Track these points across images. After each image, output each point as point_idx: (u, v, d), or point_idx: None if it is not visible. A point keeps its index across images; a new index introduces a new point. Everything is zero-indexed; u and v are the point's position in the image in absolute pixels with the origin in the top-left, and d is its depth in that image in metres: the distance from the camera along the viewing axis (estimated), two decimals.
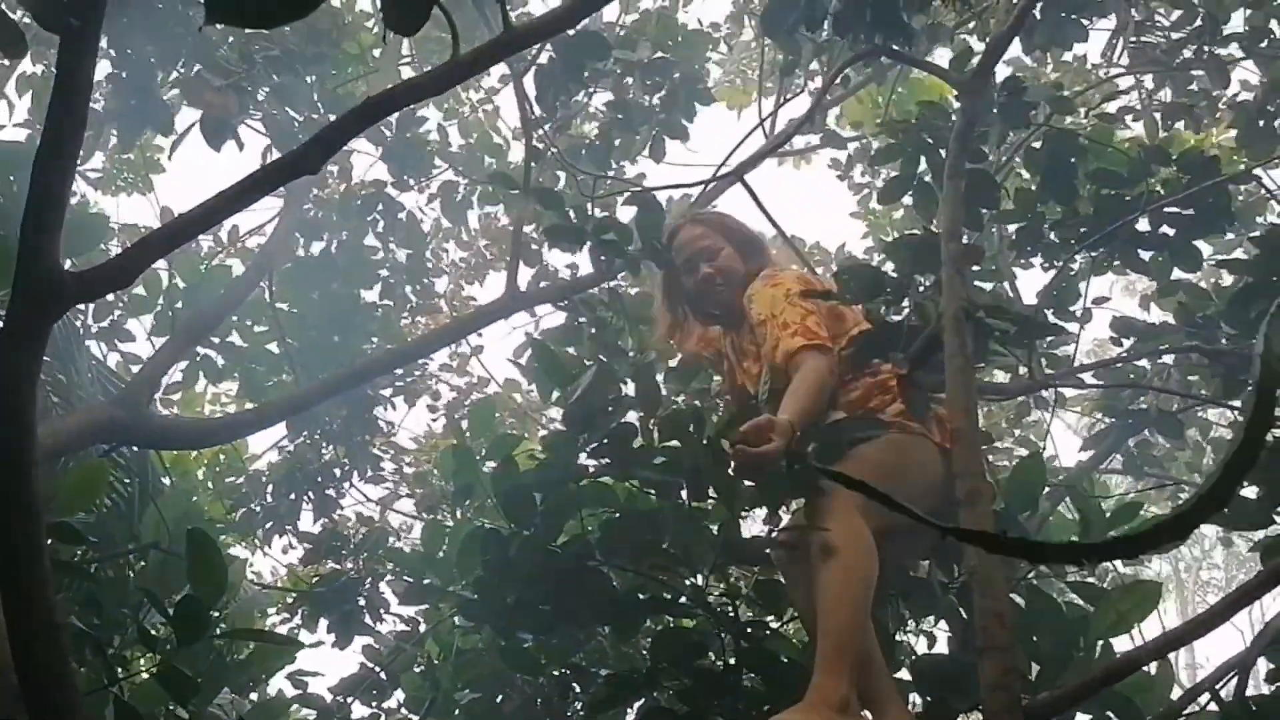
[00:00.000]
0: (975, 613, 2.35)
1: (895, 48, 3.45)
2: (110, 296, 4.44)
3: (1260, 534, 2.89)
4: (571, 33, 4.21)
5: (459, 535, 3.47)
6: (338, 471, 5.99)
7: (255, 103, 4.12)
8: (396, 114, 3.83)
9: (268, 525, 5.95)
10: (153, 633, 2.68)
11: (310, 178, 2.60)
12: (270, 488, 5.99)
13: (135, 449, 3.62)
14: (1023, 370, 3.73)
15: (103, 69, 4.76)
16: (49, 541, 1.96)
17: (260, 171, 1.76)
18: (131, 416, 2.63)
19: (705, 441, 2.96)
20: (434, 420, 8.14)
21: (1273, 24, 4.11)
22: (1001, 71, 3.70)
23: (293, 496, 5.95)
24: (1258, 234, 3.50)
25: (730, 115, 7.26)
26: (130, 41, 3.73)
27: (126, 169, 6.54)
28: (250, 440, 6.20)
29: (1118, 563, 3.85)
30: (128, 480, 3.47)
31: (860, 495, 2.67)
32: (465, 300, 8.35)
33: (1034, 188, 3.78)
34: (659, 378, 3.39)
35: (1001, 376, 4.44)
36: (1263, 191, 4.07)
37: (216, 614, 2.63)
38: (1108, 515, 3.12)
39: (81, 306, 4.71)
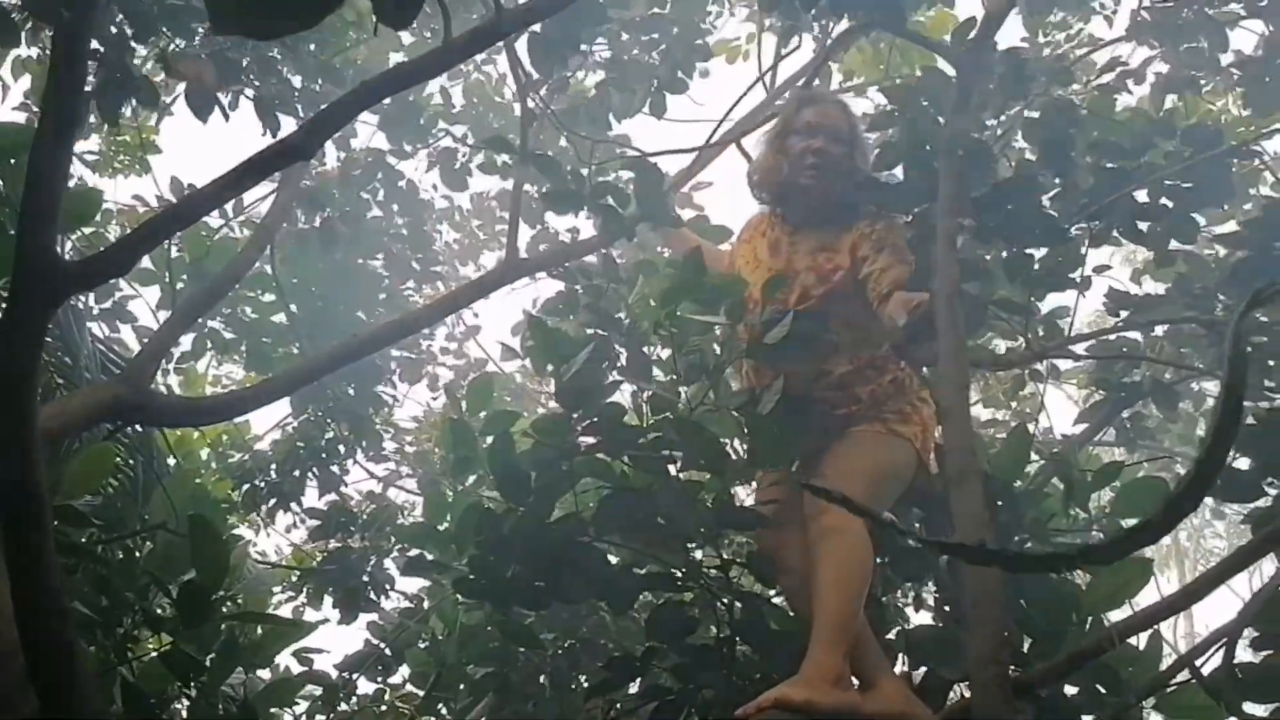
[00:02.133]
0: (964, 588, 2.38)
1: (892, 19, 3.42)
2: None
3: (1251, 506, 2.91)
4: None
5: (459, 508, 3.51)
6: (342, 448, 6.04)
7: (242, 71, 4.04)
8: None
9: (272, 502, 6.00)
10: (161, 614, 2.73)
11: None
12: (274, 465, 6.04)
13: (140, 428, 3.66)
14: (1020, 342, 3.73)
15: None
16: (56, 524, 2.00)
17: (253, 159, 1.79)
18: (136, 394, 2.65)
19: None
20: (434, 399, 8.21)
21: None
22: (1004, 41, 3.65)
23: (297, 473, 5.99)
24: (1249, 206, 3.51)
25: (730, 71, 7.20)
26: (106, 15, 3.68)
27: (123, 150, 6.55)
28: (254, 418, 6.26)
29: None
30: (133, 461, 3.51)
31: (855, 489, 2.75)
32: (462, 280, 8.39)
33: (1033, 159, 3.75)
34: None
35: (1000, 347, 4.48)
36: (1257, 163, 4.07)
37: (222, 594, 2.68)
38: (1088, 480, 3.17)
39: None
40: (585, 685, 3.55)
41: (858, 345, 3.14)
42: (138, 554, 3.05)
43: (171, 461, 4.22)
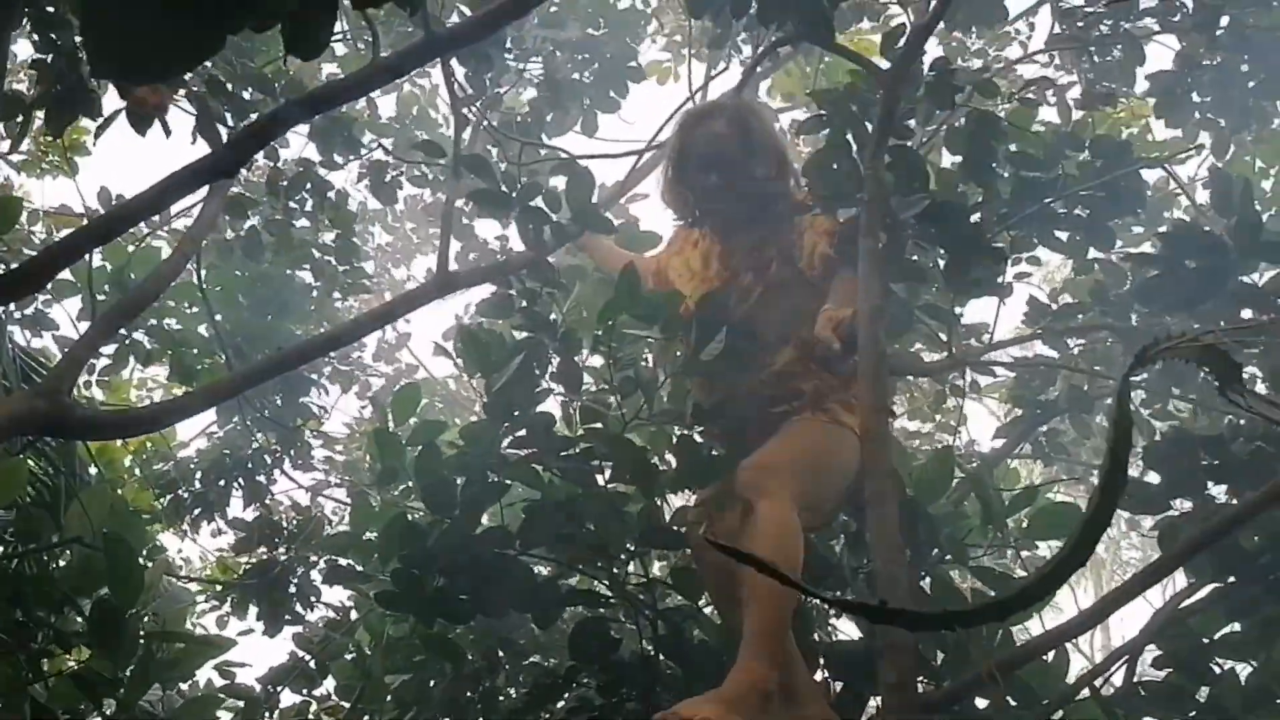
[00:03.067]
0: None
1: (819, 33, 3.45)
2: None
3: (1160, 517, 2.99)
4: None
5: (385, 518, 3.50)
6: (268, 459, 5.97)
7: (183, 84, 4.02)
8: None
9: (196, 512, 5.92)
10: (75, 631, 2.70)
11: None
12: (199, 474, 5.96)
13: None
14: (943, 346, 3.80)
15: (25, 50, 4.69)
16: None
17: (179, 174, 1.79)
18: (54, 406, 2.60)
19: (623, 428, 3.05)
20: (363, 408, 8.15)
21: None
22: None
23: (222, 483, 5.92)
24: (1164, 229, 3.61)
25: (662, 91, 7.29)
26: (55, 27, 3.65)
27: (51, 150, 6.44)
28: (178, 426, 6.15)
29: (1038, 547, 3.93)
30: (50, 470, 3.45)
31: (795, 476, 2.75)
32: (395, 283, 8.35)
33: (955, 168, 3.82)
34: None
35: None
36: (1170, 186, 4.22)
37: (138, 611, 2.65)
38: (1007, 503, 3.25)
39: None
40: (511, 698, 3.55)
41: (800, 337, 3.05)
42: (53, 568, 3.01)
43: (94, 470, 4.15)
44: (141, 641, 2.75)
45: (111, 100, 3.89)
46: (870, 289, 2.74)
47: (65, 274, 4.53)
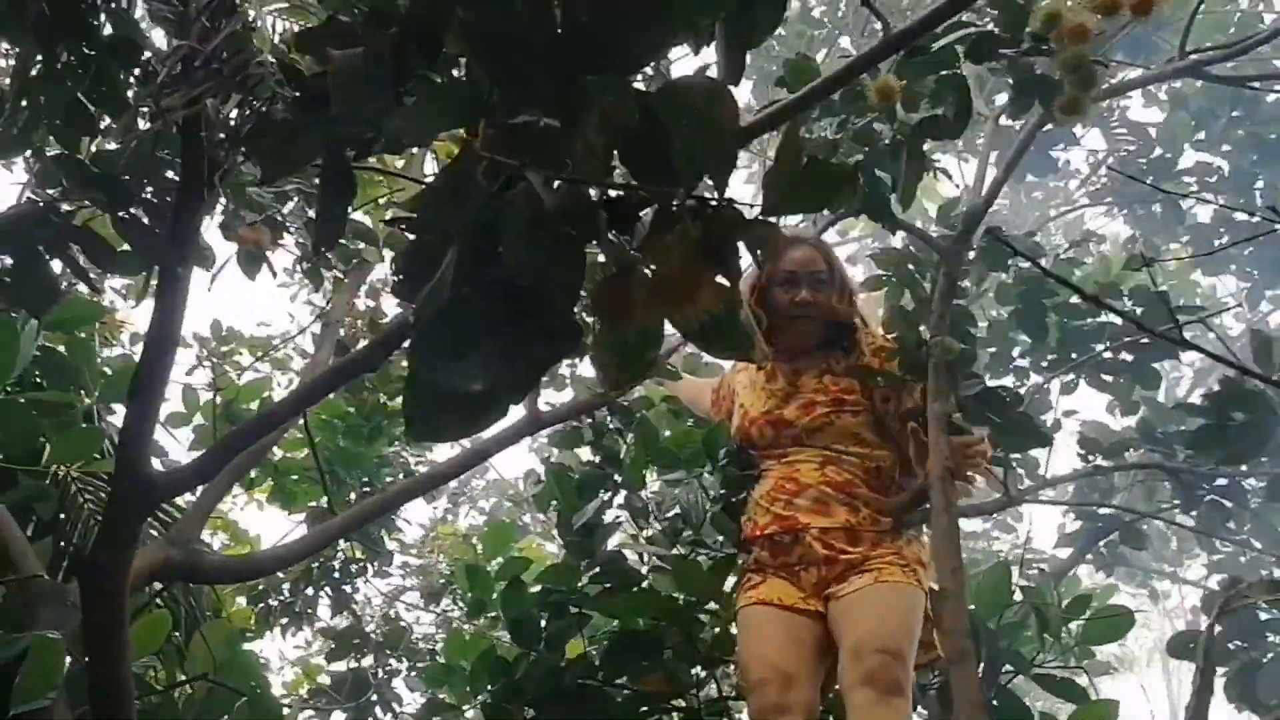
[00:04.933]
0: None
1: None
2: None
3: None
4: None
5: (476, 647, 3.74)
6: (354, 568, 6.25)
7: (289, 230, 4.32)
8: None
9: (284, 621, 6.21)
10: None
11: None
12: (288, 583, 6.25)
13: None
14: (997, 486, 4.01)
15: None
16: None
17: (326, 377, 2.07)
18: (185, 555, 2.89)
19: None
20: (435, 508, 8.44)
21: (1220, 162, 4.48)
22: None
23: (310, 591, 6.21)
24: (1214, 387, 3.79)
25: None
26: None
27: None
28: (265, 535, 6.48)
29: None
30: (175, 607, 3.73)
31: (911, 659, 2.84)
32: None
33: (1005, 316, 4.05)
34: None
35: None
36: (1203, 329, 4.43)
37: None
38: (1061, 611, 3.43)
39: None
40: None
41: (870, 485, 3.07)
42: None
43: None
44: None
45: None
46: (939, 450, 2.86)
47: (176, 404, 4.89)
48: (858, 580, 2.88)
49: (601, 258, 1.37)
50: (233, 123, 1.83)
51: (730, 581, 3.32)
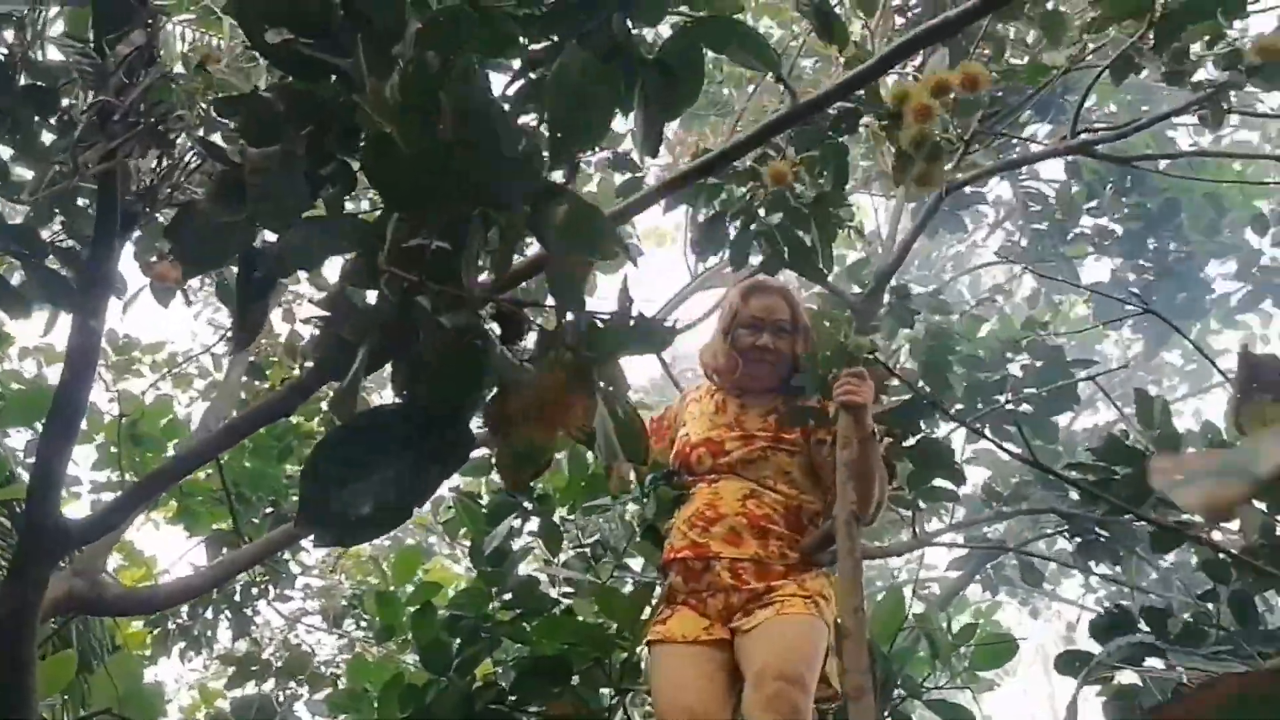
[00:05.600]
0: None
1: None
2: None
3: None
4: None
5: (381, 671, 3.72)
6: (255, 590, 6.13)
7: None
8: None
9: (182, 645, 6.05)
10: None
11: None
12: (186, 606, 6.10)
13: None
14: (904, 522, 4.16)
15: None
16: None
17: (242, 419, 2.06)
18: (90, 586, 2.83)
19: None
20: None
21: (1115, 226, 4.76)
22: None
23: (209, 615, 6.07)
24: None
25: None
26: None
27: None
28: (160, 557, 6.35)
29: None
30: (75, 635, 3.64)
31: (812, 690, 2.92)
32: None
33: (916, 368, 4.23)
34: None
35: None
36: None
37: None
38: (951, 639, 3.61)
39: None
40: None
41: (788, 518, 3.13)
42: None
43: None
44: None
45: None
46: (846, 498, 2.90)
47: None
48: (761, 614, 2.96)
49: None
50: (148, 180, 1.84)
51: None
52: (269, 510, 5.61)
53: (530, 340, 1.46)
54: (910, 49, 2.33)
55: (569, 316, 1.39)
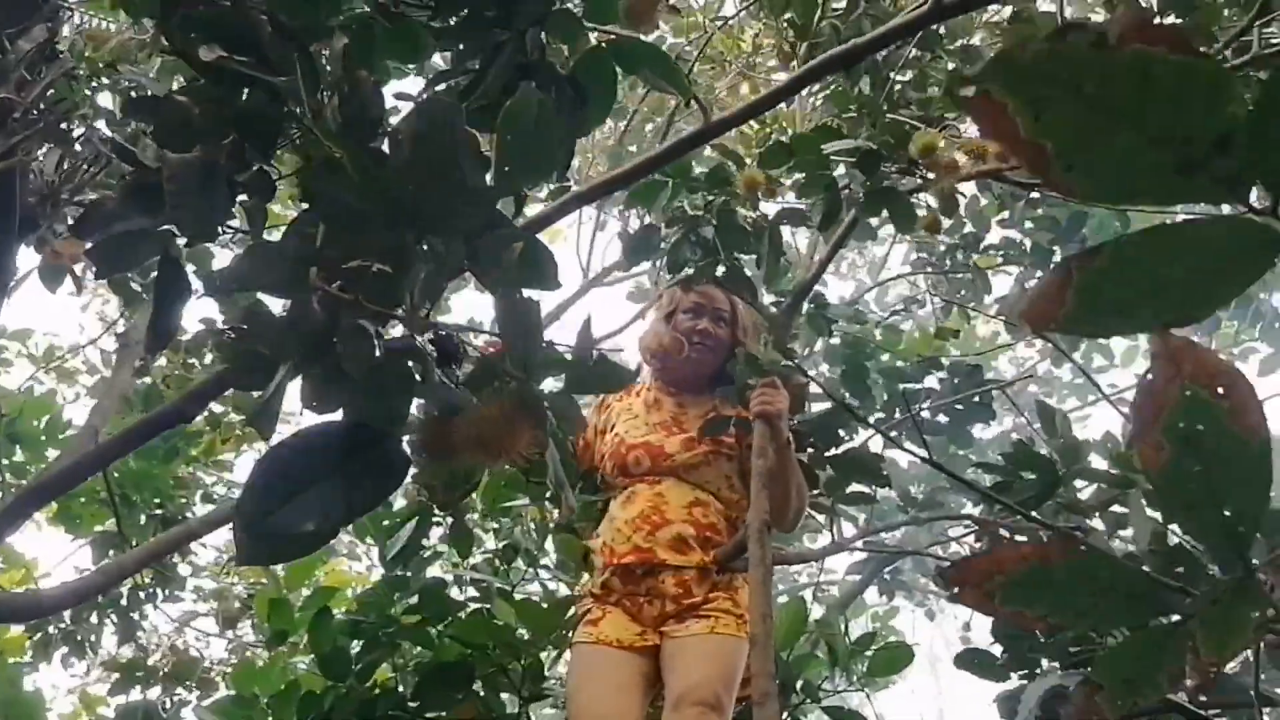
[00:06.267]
0: None
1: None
2: None
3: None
4: None
5: (271, 676, 3.61)
6: (142, 594, 5.90)
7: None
8: None
9: (64, 650, 5.81)
10: None
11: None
12: (68, 611, 5.85)
13: None
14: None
15: None
16: None
17: (135, 429, 1.96)
18: None
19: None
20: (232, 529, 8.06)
21: (1023, 239, 4.94)
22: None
23: (94, 619, 5.83)
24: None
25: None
26: None
27: None
28: (42, 557, 6.08)
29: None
30: None
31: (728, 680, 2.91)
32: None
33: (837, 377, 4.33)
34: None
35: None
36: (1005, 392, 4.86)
37: None
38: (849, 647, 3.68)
39: None
40: None
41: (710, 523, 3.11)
42: None
43: None
44: None
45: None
46: (759, 506, 2.81)
47: None
48: (694, 625, 2.95)
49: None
50: (50, 180, 1.75)
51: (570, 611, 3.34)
52: (156, 513, 5.42)
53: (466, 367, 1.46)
54: (815, 76, 2.38)
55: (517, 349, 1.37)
